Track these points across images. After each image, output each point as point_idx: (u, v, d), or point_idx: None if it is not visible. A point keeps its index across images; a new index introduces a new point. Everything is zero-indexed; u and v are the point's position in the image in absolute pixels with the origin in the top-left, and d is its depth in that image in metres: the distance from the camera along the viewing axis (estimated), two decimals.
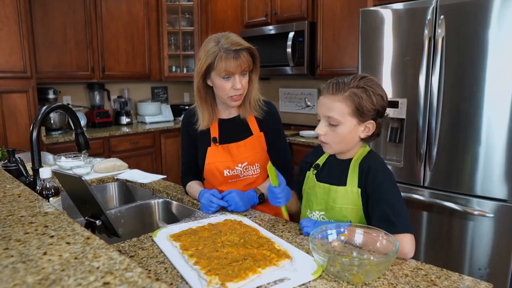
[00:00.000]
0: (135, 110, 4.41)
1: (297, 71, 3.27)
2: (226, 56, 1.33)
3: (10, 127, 3.03)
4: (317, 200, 1.20)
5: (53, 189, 1.26)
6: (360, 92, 1.09)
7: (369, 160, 1.15)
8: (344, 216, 1.14)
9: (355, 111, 1.09)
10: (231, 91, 1.38)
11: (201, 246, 1.04)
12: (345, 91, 1.09)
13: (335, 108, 1.10)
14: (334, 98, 1.11)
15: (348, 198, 1.14)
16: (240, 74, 1.37)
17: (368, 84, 1.10)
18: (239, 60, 1.34)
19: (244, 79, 1.40)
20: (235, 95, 1.40)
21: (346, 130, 1.11)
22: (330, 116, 1.11)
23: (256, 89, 1.49)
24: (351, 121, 1.11)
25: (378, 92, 1.11)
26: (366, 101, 1.08)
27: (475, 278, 0.91)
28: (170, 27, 4.27)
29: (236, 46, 1.34)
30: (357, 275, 0.88)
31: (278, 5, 3.39)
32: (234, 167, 1.49)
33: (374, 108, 1.10)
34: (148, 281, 0.57)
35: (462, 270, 2.06)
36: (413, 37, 2.13)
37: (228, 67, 1.33)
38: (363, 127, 1.12)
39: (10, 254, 0.68)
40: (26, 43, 3.03)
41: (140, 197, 1.83)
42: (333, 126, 1.12)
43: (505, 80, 1.85)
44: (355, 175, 1.14)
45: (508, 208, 1.91)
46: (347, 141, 1.14)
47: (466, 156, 2.00)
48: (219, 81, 1.38)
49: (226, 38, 1.36)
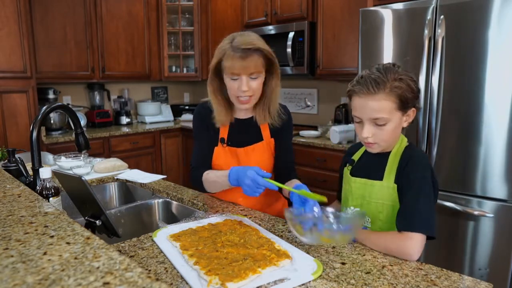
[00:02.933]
0: (135, 110, 4.41)
1: (297, 71, 3.27)
2: (233, 55, 1.27)
3: (10, 127, 3.03)
4: (352, 196, 1.18)
5: (53, 189, 1.26)
6: (399, 83, 1.05)
7: (409, 154, 1.12)
8: (379, 212, 1.11)
9: (400, 105, 1.06)
10: (238, 92, 1.32)
11: (201, 246, 1.04)
12: (386, 87, 1.05)
13: (381, 107, 1.05)
14: (377, 97, 1.05)
15: (384, 193, 1.11)
16: (248, 76, 1.30)
17: (402, 72, 1.07)
18: (246, 61, 1.26)
19: (254, 82, 1.31)
20: (242, 98, 1.33)
21: (394, 126, 1.09)
22: (378, 117, 1.06)
23: (276, 97, 1.41)
24: (398, 115, 1.08)
25: (411, 76, 1.08)
26: (407, 91, 1.06)
27: (475, 278, 0.91)
28: (170, 27, 4.27)
29: (246, 46, 1.26)
30: (324, 236, 0.94)
31: (278, 5, 3.39)
32: None
33: (414, 95, 1.08)
34: (148, 281, 0.57)
35: (462, 270, 2.07)
36: (413, 37, 2.13)
37: (233, 67, 1.27)
38: (406, 117, 1.11)
39: (10, 254, 0.68)
40: (26, 43, 3.03)
41: (140, 197, 1.83)
42: (381, 126, 1.08)
43: (505, 80, 1.85)
44: (393, 170, 1.11)
45: (508, 208, 1.91)
46: (394, 136, 1.12)
47: (466, 156, 2.00)
48: (227, 80, 1.34)
49: (242, 36, 1.30)
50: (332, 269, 0.95)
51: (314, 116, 3.72)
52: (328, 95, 3.56)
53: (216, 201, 1.50)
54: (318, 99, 3.67)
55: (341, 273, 0.93)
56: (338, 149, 2.80)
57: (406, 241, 1.01)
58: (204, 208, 1.45)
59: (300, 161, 3.11)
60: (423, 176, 1.07)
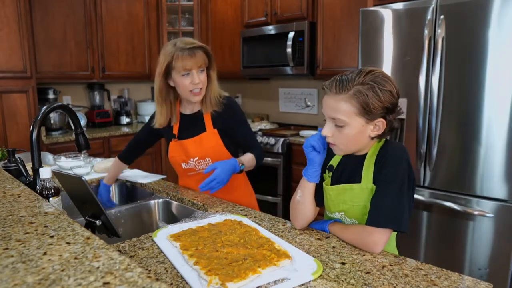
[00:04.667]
0: (135, 110, 4.41)
1: (297, 71, 3.27)
2: (182, 55, 1.47)
3: (10, 127, 3.03)
4: (332, 202, 1.16)
5: (53, 189, 1.26)
6: (365, 89, 1.00)
7: (384, 152, 1.08)
8: (364, 214, 1.09)
9: (362, 111, 1.01)
10: (191, 86, 1.51)
11: (201, 246, 1.04)
12: (349, 90, 1.01)
13: (339, 108, 1.03)
14: (338, 97, 1.03)
15: (365, 195, 1.09)
16: (198, 70, 1.51)
17: (375, 79, 1.01)
18: (195, 57, 1.49)
19: (202, 74, 1.53)
20: (195, 90, 1.53)
21: (354, 131, 1.04)
22: (335, 117, 1.04)
23: (215, 86, 1.61)
24: (358, 121, 1.03)
25: (386, 87, 1.01)
26: (372, 99, 1.00)
27: (475, 278, 0.91)
28: (170, 27, 4.27)
29: (190, 45, 1.49)
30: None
31: (278, 5, 3.39)
32: (188, 160, 1.64)
33: (382, 106, 1.01)
34: (148, 281, 0.57)
35: (462, 270, 2.07)
36: (413, 37, 2.13)
37: (185, 64, 1.48)
38: (373, 126, 1.05)
39: (10, 254, 0.68)
40: (26, 43, 3.03)
41: (140, 197, 1.83)
42: (340, 127, 1.05)
43: (505, 80, 1.85)
44: (370, 171, 1.08)
45: (508, 208, 1.91)
46: (356, 142, 1.07)
47: (466, 156, 2.00)
48: (179, 78, 1.51)
49: (182, 40, 1.52)
50: (332, 269, 0.95)
51: (314, 116, 3.72)
52: None
53: (216, 201, 1.50)
54: (318, 99, 3.67)
55: (341, 273, 0.93)
56: None
57: (368, 236, 1.03)
58: (204, 208, 1.45)
59: (300, 161, 3.11)
60: (395, 170, 1.04)
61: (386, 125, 1.05)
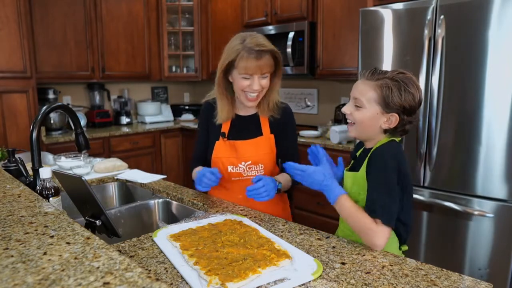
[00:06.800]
0: (135, 110, 4.41)
1: (297, 71, 3.27)
2: (247, 56, 1.35)
3: (10, 127, 3.04)
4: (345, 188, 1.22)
5: (53, 189, 1.26)
6: (392, 84, 1.10)
7: (379, 147, 1.15)
8: (356, 201, 1.14)
9: (381, 100, 1.11)
10: (248, 89, 1.41)
11: (201, 246, 1.05)
12: (378, 79, 1.12)
13: (364, 91, 1.13)
14: (367, 82, 1.13)
15: (359, 184, 1.16)
16: (260, 76, 1.39)
17: (404, 79, 1.11)
18: (260, 62, 1.36)
19: (263, 80, 1.41)
20: (251, 95, 1.42)
21: (368, 115, 1.13)
22: (357, 97, 1.14)
23: (276, 92, 1.51)
24: (375, 108, 1.12)
25: (411, 89, 1.10)
26: (394, 94, 1.09)
27: (475, 278, 0.91)
28: (170, 27, 4.27)
29: (259, 47, 1.35)
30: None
31: (278, 5, 3.39)
32: (238, 164, 1.50)
33: (401, 104, 1.10)
34: (148, 281, 0.57)
35: (462, 270, 2.07)
36: (413, 37, 2.13)
37: (248, 67, 1.36)
38: (386, 118, 1.13)
39: (10, 254, 0.68)
40: (26, 43, 3.03)
41: (140, 197, 1.83)
42: (358, 108, 1.15)
43: (505, 80, 1.85)
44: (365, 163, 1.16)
45: (508, 208, 1.91)
46: (367, 127, 1.16)
47: (466, 156, 2.00)
48: (238, 79, 1.41)
49: (252, 37, 1.37)
50: (332, 269, 0.95)
51: (314, 116, 3.72)
52: (328, 95, 3.56)
53: (216, 201, 1.50)
54: (318, 99, 3.67)
55: (341, 273, 0.93)
56: (338, 149, 2.80)
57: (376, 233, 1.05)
58: (204, 208, 1.45)
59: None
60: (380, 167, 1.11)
61: (399, 122, 1.13)
